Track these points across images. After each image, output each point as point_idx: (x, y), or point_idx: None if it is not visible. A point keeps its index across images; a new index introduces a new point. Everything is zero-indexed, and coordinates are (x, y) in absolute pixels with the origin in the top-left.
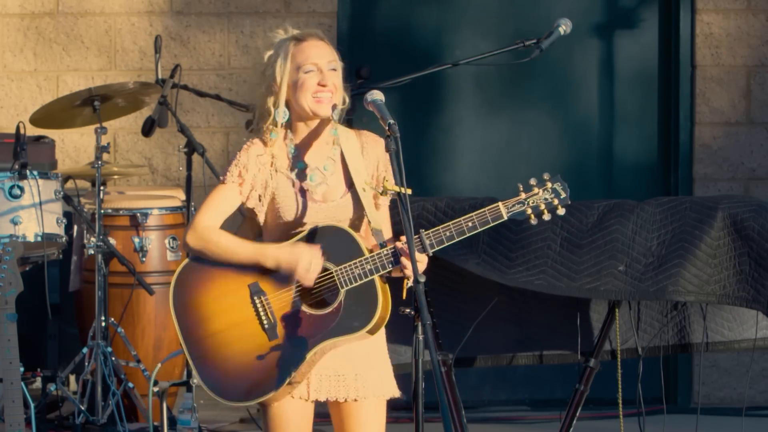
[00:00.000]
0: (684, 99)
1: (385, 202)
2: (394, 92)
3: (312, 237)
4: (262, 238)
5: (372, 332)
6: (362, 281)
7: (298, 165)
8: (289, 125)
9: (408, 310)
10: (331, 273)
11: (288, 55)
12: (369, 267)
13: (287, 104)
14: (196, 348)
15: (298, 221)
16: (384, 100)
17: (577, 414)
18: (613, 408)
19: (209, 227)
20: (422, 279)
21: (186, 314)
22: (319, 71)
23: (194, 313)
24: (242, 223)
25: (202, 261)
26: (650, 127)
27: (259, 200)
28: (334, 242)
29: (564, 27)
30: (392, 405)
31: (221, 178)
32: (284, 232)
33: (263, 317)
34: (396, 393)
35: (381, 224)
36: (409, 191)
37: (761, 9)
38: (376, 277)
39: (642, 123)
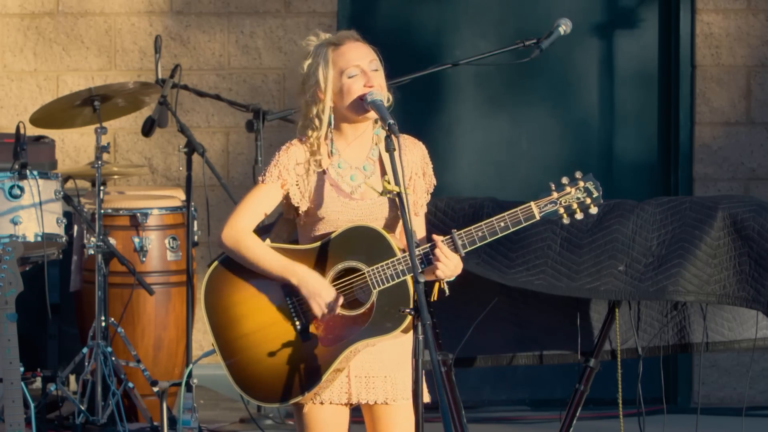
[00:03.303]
0: (684, 99)
1: (423, 208)
2: (394, 92)
3: (344, 237)
4: (298, 236)
5: (406, 331)
6: (394, 282)
7: (338, 164)
8: (331, 127)
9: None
10: (363, 274)
11: (329, 61)
12: (401, 268)
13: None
14: (227, 348)
15: (335, 219)
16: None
17: (577, 414)
18: (613, 408)
19: (245, 229)
20: (422, 279)
21: (218, 314)
22: (363, 73)
23: (226, 313)
24: (277, 221)
25: (234, 261)
26: (650, 127)
27: (299, 199)
28: (366, 242)
29: (564, 27)
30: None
31: (260, 178)
32: (320, 230)
33: (296, 318)
34: (425, 397)
35: (415, 228)
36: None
37: (761, 9)
38: (408, 277)
39: (642, 123)
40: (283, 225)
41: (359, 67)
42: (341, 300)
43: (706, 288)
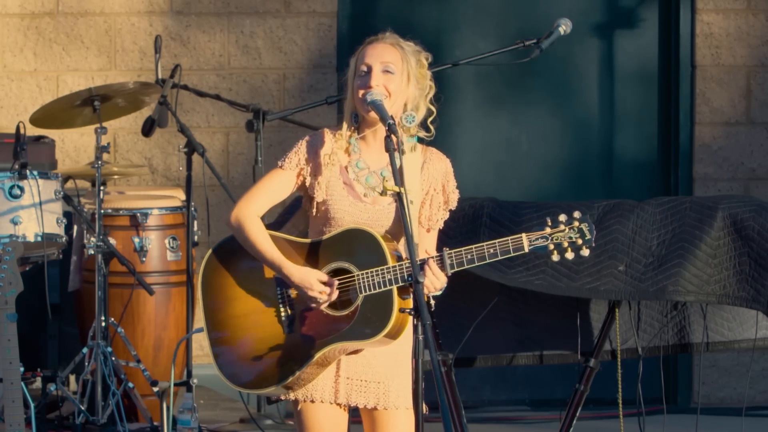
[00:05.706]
0: (684, 99)
1: (437, 224)
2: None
3: (342, 237)
4: (308, 230)
5: (392, 337)
6: (380, 290)
7: (357, 164)
8: (359, 126)
9: (408, 310)
10: (353, 276)
11: (354, 58)
12: (389, 277)
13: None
14: (214, 329)
15: (341, 218)
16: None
17: (577, 414)
18: (613, 408)
19: (252, 212)
20: (422, 279)
21: (212, 293)
22: (368, 73)
23: (219, 294)
24: (296, 213)
25: (236, 243)
26: (650, 127)
27: (313, 190)
28: (361, 246)
29: (564, 27)
30: None
31: (279, 162)
32: (327, 226)
33: (282, 309)
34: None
35: (424, 243)
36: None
37: (761, 9)
38: (394, 287)
39: (642, 123)
40: (301, 217)
41: (368, 66)
42: (335, 283)
43: (706, 288)
